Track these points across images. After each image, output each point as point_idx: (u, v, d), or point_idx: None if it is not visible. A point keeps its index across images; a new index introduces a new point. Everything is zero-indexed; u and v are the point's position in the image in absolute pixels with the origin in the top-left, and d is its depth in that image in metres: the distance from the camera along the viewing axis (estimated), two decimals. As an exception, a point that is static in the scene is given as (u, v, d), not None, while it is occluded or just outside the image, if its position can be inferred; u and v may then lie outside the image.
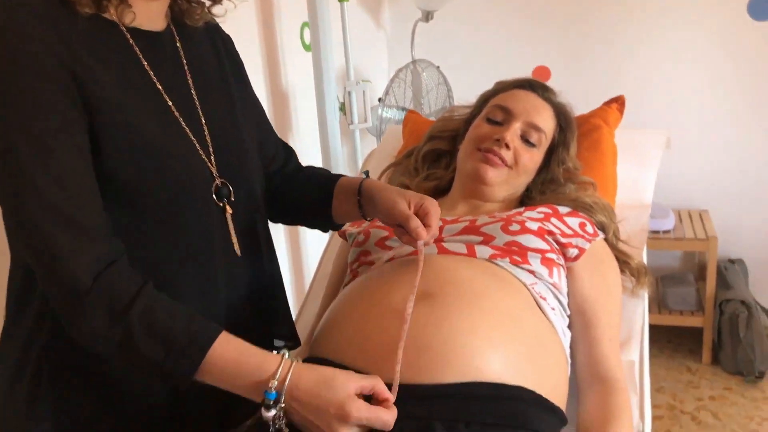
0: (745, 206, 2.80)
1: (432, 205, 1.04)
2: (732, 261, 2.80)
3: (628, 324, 1.28)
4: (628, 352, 1.25)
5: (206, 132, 1.00)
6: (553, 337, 1.05)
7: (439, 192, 1.42)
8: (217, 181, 1.00)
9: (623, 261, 1.29)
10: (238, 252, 1.03)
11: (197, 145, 0.99)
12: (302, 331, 1.40)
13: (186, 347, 0.85)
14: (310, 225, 1.25)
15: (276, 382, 0.84)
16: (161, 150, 0.93)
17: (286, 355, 0.88)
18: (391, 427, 0.86)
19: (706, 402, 2.46)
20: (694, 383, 2.58)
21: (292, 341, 1.20)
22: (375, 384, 0.87)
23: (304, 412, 0.85)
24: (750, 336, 2.52)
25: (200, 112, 1.01)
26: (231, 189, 1.02)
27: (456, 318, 0.95)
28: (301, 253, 2.30)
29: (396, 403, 0.88)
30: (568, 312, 1.17)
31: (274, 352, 0.90)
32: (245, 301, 1.06)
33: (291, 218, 1.27)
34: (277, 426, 0.86)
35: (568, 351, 1.11)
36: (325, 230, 1.27)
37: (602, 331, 1.16)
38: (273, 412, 0.85)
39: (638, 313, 1.31)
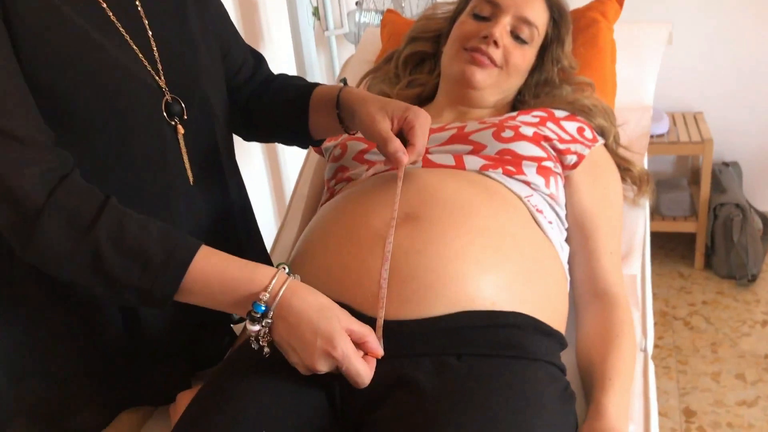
0: (740, 107, 2.68)
1: (417, 116, 0.92)
2: (726, 164, 2.72)
3: (628, 236, 1.20)
4: (629, 265, 1.16)
5: (153, 43, 0.88)
6: (551, 253, 0.96)
7: (423, 100, 1.30)
8: (167, 97, 0.89)
9: (624, 168, 1.19)
10: (191, 178, 0.93)
11: (141, 55, 0.86)
12: (281, 258, 1.31)
13: (164, 263, 0.76)
14: (287, 141, 1.14)
15: (268, 295, 0.76)
16: (96, 57, 0.81)
17: (286, 270, 0.80)
18: (363, 387, 0.78)
19: (698, 307, 2.43)
20: (687, 288, 2.54)
21: None
22: (367, 334, 0.79)
23: (288, 336, 0.76)
24: (744, 239, 2.46)
25: (145, 21, 0.88)
26: (183, 106, 0.90)
27: (442, 241, 0.85)
28: (281, 171, 2.18)
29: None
30: (566, 225, 1.08)
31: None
32: (209, 232, 0.96)
33: (264, 135, 1.15)
34: (260, 343, 0.78)
35: (566, 267, 1.02)
36: (304, 146, 1.15)
37: (602, 245, 1.07)
38: (258, 327, 0.76)
39: (639, 224, 1.22)
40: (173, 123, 0.90)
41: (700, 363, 2.17)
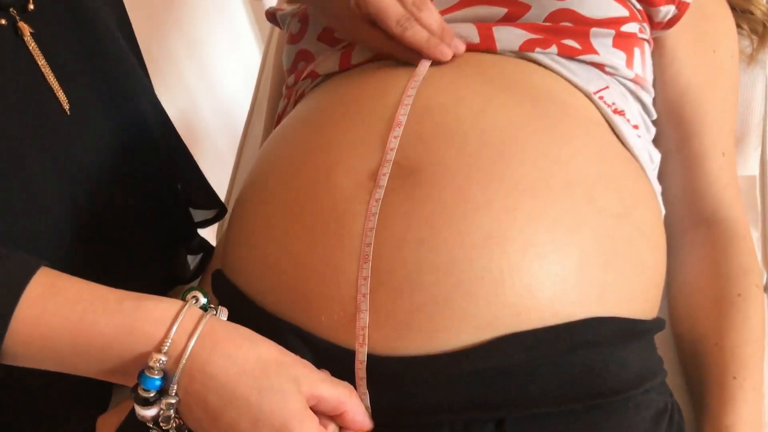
0: None
1: None
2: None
3: (741, 112, 0.81)
4: (744, 160, 0.79)
5: None
6: (639, 186, 0.59)
7: None
8: None
9: (742, 10, 0.77)
10: (65, 104, 0.58)
11: None
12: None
13: None
14: None
15: (164, 359, 0.43)
16: None
17: (200, 300, 0.46)
18: None
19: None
20: None
21: (213, 208, 0.77)
22: (346, 400, 0.46)
23: (209, 425, 0.45)
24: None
25: None
26: None
27: (460, 216, 0.48)
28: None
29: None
30: (654, 116, 0.70)
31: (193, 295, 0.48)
32: (109, 181, 0.63)
33: None
34: (164, 429, 0.46)
35: (658, 190, 0.66)
36: None
37: (712, 141, 0.70)
38: (153, 412, 0.45)
39: (757, 93, 0.82)
40: (4, 22, 0.54)
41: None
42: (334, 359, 0.48)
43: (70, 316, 0.43)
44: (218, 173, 0.94)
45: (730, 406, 0.57)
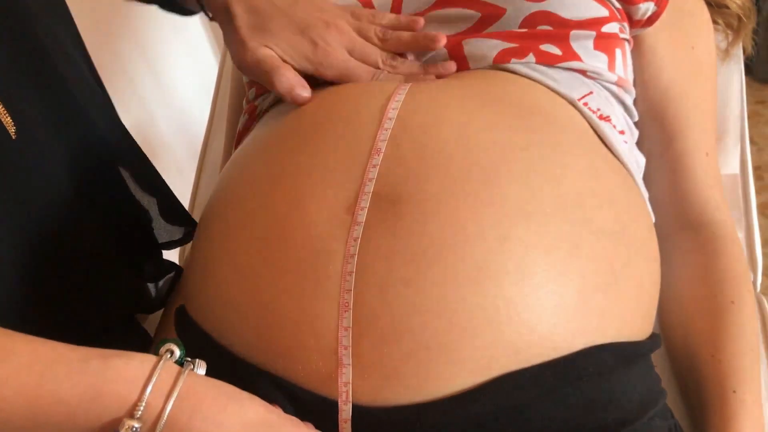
0: None
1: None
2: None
3: (718, 110, 0.79)
4: (724, 159, 0.77)
5: None
6: (631, 197, 0.56)
7: None
8: None
9: (718, 5, 0.75)
10: (11, 127, 0.53)
11: None
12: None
13: None
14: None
15: (137, 425, 0.38)
16: None
17: (176, 353, 0.42)
18: None
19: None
20: (721, 101, 2.14)
21: (185, 226, 0.72)
22: None
23: None
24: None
25: None
26: None
27: (449, 251, 0.44)
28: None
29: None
30: (636, 117, 0.67)
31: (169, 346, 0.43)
32: (65, 211, 0.58)
33: None
34: None
35: (646, 196, 0.63)
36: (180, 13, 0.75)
37: (695, 142, 0.67)
38: None
39: (733, 89, 0.81)
40: None
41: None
42: (314, 409, 0.44)
43: (27, 382, 0.38)
44: (179, 187, 0.89)
45: (734, 422, 0.54)
